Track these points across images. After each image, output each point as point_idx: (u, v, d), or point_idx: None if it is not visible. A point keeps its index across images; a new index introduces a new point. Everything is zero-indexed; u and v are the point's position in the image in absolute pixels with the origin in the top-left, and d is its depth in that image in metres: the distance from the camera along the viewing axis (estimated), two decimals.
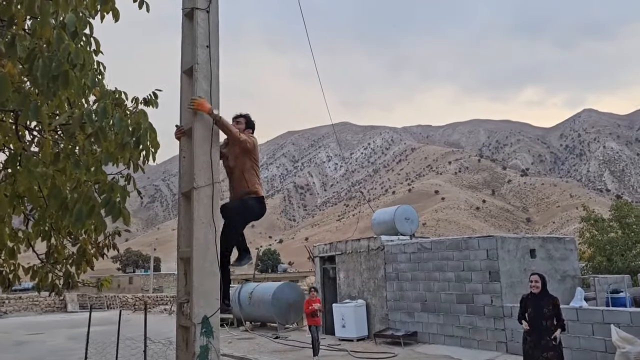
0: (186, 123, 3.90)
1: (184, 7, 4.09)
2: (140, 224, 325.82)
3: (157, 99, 5.08)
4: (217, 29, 4.00)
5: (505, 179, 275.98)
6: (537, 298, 6.95)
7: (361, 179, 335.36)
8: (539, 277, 7.04)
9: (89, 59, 2.78)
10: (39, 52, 2.58)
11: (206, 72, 3.83)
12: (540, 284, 6.96)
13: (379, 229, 14.61)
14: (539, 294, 6.95)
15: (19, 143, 3.31)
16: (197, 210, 3.63)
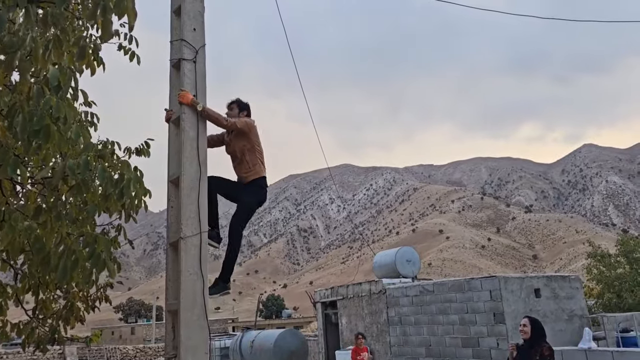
0: (174, 172, 3.88)
1: (171, 58, 4.15)
2: (143, 272, 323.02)
3: (149, 148, 5.09)
4: (203, 78, 4.04)
5: (510, 216, 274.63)
6: (527, 345, 6.11)
7: (364, 221, 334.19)
8: (528, 320, 6.21)
9: (71, 112, 2.78)
10: (20, 107, 2.59)
11: (193, 121, 3.85)
12: (530, 328, 6.11)
13: (381, 272, 14.41)
14: (529, 340, 6.09)
15: (2, 197, 3.28)
16: (185, 261, 3.56)
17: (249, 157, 4.47)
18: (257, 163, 4.50)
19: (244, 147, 4.47)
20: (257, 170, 4.49)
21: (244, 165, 4.49)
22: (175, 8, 4.21)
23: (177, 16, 4.19)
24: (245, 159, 4.47)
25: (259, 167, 4.51)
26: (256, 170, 4.48)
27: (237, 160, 4.55)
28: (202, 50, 4.09)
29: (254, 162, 4.48)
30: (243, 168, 4.50)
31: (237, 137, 4.50)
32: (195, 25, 4.09)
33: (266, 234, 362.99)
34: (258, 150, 4.53)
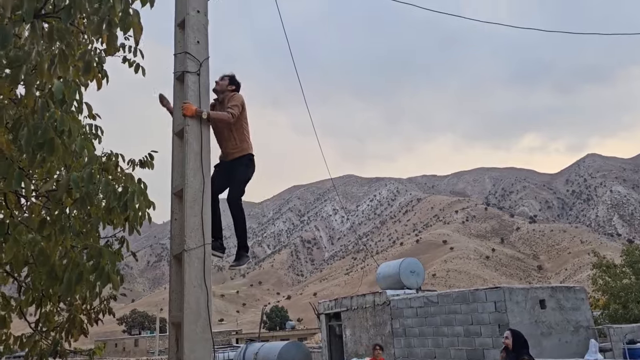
0: (177, 184, 3.89)
1: (175, 70, 4.17)
2: (146, 283, 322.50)
3: (152, 160, 5.11)
4: (207, 91, 4.06)
5: (514, 227, 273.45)
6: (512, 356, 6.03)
7: (368, 232, 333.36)
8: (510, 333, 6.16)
9: (75, 126, 2.80)
10: (24, 121, 2.61)
11: (197, 133, 3.86)
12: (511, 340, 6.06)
13: (385, 283, 14.33)
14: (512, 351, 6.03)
15: (6, 210, 3.29)
16: (189, 273, 3.55)
17: (236, 134, 4.47)
18: (245, 140, 4.52)
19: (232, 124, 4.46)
20: (245, 147, 4.51)
21: (230, 141, 4.48)
22: (179, 21, 4.24)
23: (181, 29, 4.22)
24: (232, 135, 4.47)
25: (246, 143, 4.52)
26: (244, 147, 4.50)
27: (223, 135, 4.53)
28: (205, 62, 4.11)
29: (241, 139, 4.49)
30: (230, 144, 4.50)
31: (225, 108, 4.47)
32: (199, 38, 4.12)
33: (270, 245, 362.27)
34: (245, 128, 4.55)
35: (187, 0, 4.14)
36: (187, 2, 4.13)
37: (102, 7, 2.16)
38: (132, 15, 2.25)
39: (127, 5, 2.24)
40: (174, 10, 4.43)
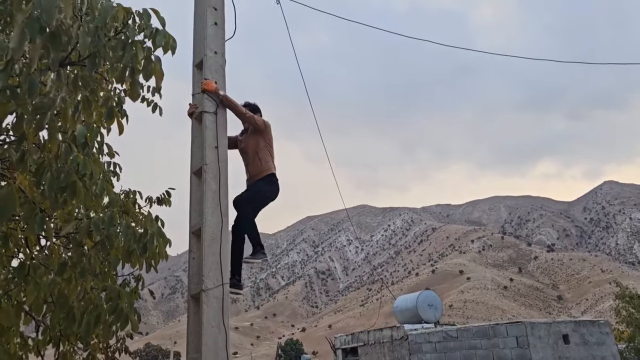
0: (195, 223, 3.90)
1: None
2: (160, 316, 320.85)
3: (170, 197, 5.15)
4: (225, 130, 4.11)
5: (532, 256, 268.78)
6: None
7: (383, 262, 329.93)
8: None
9: (97, 168, 2.83)
10: (48, 165, 2.65)
11: (215, 173, 3.88)
12: None
13: (402, 316, 14.09)
14: None
15: (27, 252, 3.32)
16: (206, 313, 3.52)
17: (262, 155, 4.50)
18: (269, 160, 4.53)
19: (257, 144, 4.52)
20: (269, 166, 4.51)
21: (255, 162, 4.50)
22: (197, 62, 4.33)
23: (199, 70, 4.31)
24: (258, 156, 4.50)
25: (271, 164, 4.53)
26: (268, 167, 4.51)
27: (249, 159, 4.56)
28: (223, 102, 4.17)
29: (266, 160, 4.51)
30: (255, 165, 4.52)
31: (251, 135, 4.55)
32: (216, 79, 4.19)
33: (284, 277, 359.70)
34: (271, 151, 4.58)
35: (205, 42, 4.23)
36: (205, 43, 4.23)
37: (125, 54, 2.21)
38: (155, 62, 2.30)
39: (149, 52, 2.29)
40: (191, 50, 4.54)
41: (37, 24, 1.89)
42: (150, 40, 2.32)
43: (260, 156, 4.50)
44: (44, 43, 1.88)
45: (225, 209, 3.84)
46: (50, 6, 1.79)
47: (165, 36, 2.26)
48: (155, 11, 2.31)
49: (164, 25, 2.34)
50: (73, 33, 1.98)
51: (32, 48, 1.86)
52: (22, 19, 1.95)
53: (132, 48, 2.22)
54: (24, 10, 1.95)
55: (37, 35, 1.90)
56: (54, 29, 1.88)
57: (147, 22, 2.30)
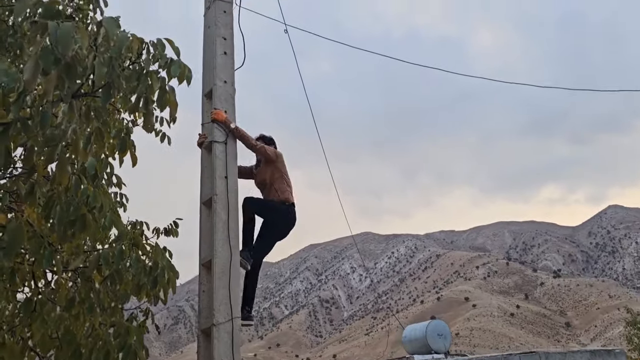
0: (205, 255, 3.81)
1: None
2: (163, 347, 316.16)
3: (177, 227, 5.06)
4: (235, 159, 4.07)
5: (538, 282, 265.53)
6: None
7: (387, 290, 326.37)
8: None
9: (107, 201, 2.77)
10: (57, 198, 2.59)
11: (225, 203, 3.82)
12: None
13: (411, 346, 13.80)
14: None
15: (34, 288, 3.23)
16: (217, 348, 3.42)
17: (277, 185, 4.47)
18: (286, 190, 4.49)
19: (272, 175, 4.50)
20: (286, 196, 4.47)
21: (272, 193, 4.48)
22: (206, 92, 4.32)
23: (209, 99, 4.29)
24: (273, 187, 4.47)
25: (287, 193, 4.48)
26: (285, 197, 4.46)
27: (265, 190, 4.55)
28: (232, 132, 4.14)
29: (282, 190, 4.47)
30: (271, 196, 4.48)
31: (265, 166, 4.53)
32: (226, 108, 4.17)
33: (287, 306, 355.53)
34: (287, 180, 4.55)
35: (214, 71, 4.23)
36: (215, 73, 4.22)
37: (140, 85, 2.17)
38: (169, 92, 2.26)
39: (163, 83, 2.25)
40: (200, 79, 4.53)
41: (51, 55, 1.85)
42: (165, 70, 2.28)
43: (277, 186, 4.47)
44: (58, 74, 1.84)
45: (235, 240, 3.77)
46: (66, 37, 1.76)
47: (181, 66, 2.23)
48: (169, 41, 2.29)
49: (178, 55, 2.31)
50: (88, 64, 1.94)
51: (47, 80, 1.81)
52: (35, 50, 1.92)
53: (147, 78, 2.18)
54: (37, 42, 1.91)
55: (51, 66, 1.86)
56: (69, 60, 1.84)
57: (161, 52, 2.27)
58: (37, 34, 1.86)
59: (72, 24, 1.80)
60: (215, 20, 4.35)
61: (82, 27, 1.85)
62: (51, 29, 1.78)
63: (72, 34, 1.78)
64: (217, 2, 4.40)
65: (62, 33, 1.76)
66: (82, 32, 1.85)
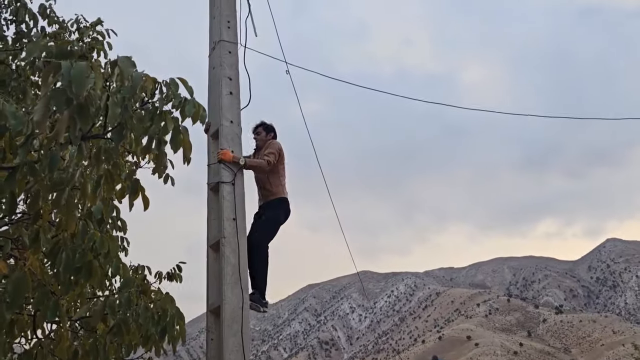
0: (214, 301, 3.66)
1: (209, 181, 4.11)
2: None
3: (181, 271, 4.91)
4: (243, 200, 3.96)
5: (540, 318, 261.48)
6: None
7: (388, 329, 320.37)
8: None
9: (113, 246, 2.65)
10: (63, 245, 2.47)
11: (234, 246, 3.69)
12: None
13: None
14: None
15: (36, 340, 3.06)
16: None
17: (272, 179, 4.58)
18: (279, 184, 4.62)
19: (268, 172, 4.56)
20: (278, 190, 4.61)
21: (265, 185, 4.60)
22: (212, 132, 4.25)
23: (215, 139, 4.22)
24: (269, 181, 4.58)
25: (280, 188, 4.62)
26: (277, 191, 4.60)
27: (260, 182, 4.65)
28: (240, 171, 4.05)
29: (276, 183, 4.60)
30: (265, 188, 4.62)
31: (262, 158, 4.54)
32: (233, 148, 4.09)
33: (286, 349, 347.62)
34: (281, 174, 4.66)
35: (220, 112, 4.17)
36: (221, 113, 4.17)
37: (153, 126, 2.09)
38: (183, 132, 2.17)
39: (177, 123, 2.17)
40: None
41: (63, 95, 1.77)
42: (178, 110, 2.20)
43: (271, 180, 4.57)
44: (70, 115, 1.75)
45: (246, 284, 3.62)
46: (80, 77, 1.68)
47: (195, 105, 2.15)
48: (183, 80, 2.22)
49: (191, 94, 2.24)
50: (101, 104, 1.86)
51: (60, 120, 1.73)
52: (46, 91, 1.84)
53: (161, 119, 2.10)
54: (48, 82, 1.84)
55: (63, 107, 1.77)
56: (82, 101, 1.76)
57: (174, 91, 2.19)
58: (50, 75, 1.78)
59: (86, 64, 1.73)
60: (220, 60, 4.33)
61: (96, 67, 1.77)
62: (64, 68, 1.71)
63: (86, 73, 1.70)
64: (222, 42, 4.39)
65: (76, 72, 1.68)
66: (96, 71, 1.78)
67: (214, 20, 4.62)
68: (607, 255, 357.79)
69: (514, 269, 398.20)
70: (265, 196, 4.65)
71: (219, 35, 4.44)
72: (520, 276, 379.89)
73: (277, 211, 4.60)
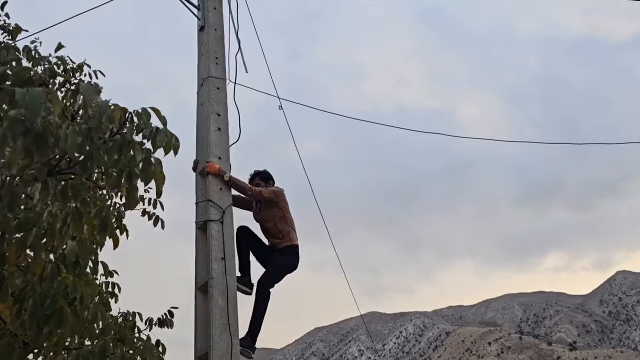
0: (202, 347, 3.43)
1: (197, 220, 3.95)
2: None
3: (172, 317, 4.68)
4: (232, 240, 3.80)
5: (554, 356, 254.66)
6: None
7: None
8: None
9: (88, 291, 2.46)
10: (30, 291, 2.30)
11: (222, 287, 3.50)
12: None
13: None
14: None
15: None
16: None
17: (281, 226, 4.40)
18: (290, 231, 4.44)
19: (274, 216, 4.41)
20: (291, 237, 4.43)
21: (276, 234, 4.41)
22: (200, 169, 4.12)
23: (203, 177, 4.09)
24: (277, 227, 4.39)
25: (292, 234, 4.45)
26: (290, 238, 4.42)
27: (267, 230, 4.44)
28: (229, 209, 3.90)
29: (286, 231, 4.41)
30: (275, 237, 4.41)
31: (266, 206, 4.42)
32: (221, 185, 3.96)
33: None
34: (289, 219, 4.48)
35: (209, 148, 4.06)
36: (209, 149, 4.05)
37: (121, 158, 1.95)
38: (155, 164, 2.03)
39: (148, 154, 2.03)
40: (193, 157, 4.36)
41: (20, 125, 1.64)
42: (150, 141, 2.07)
43: (280, 227, 4.38)
44: (26, 145, 1.61)
45: (235, 328, 3.41)
46: (35, 104, 1.55)
47: (167, 135, 2.02)
48: (155, 110, 2.09)
49: (165, 124, 2.11)
50: (62, 134, 1.72)
51: (12, 150, 1.59)
52: (6, 122, 1.71)
53: (130, 150, 1.96)
54: (7, 113, 1.71)
55: (19, 136, 1.64)
56: (39, 130, 1.62)
57: (146, 121, 2.06)
58: (4, 103, 1.65)
59: (42, 90, 1.60)
60: (208, 97, 4.25)
61: (54, 94, 1.65)
62: (18, 95, 1.58)
63: (41, 99, 1.57)
64: (209, 79, 4.33)
65: (30, 98, 1.55)
66: (54, 98, 1.65)
67: (202, 57, 4.57)
68: (618, 288, 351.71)
69: (524, 305, 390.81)
70: (278, 241, 4.45)
71: (206, 72, 4.38)
72: (531, 312, 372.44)
73: (287, 258, 4.43)
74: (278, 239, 4.41)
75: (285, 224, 4.42)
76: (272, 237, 4.46)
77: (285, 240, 4.41)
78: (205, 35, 4.62)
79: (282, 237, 4.40)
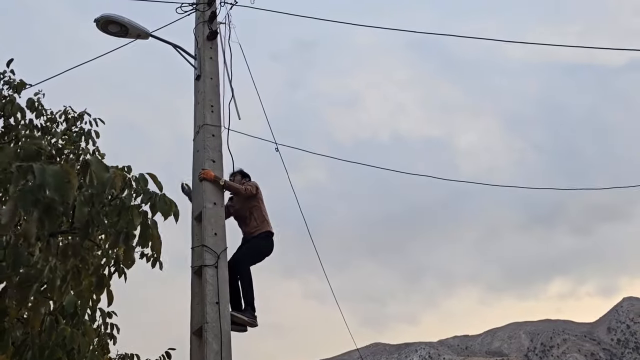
0: None
1: (192, 264, 4.08)
2: None
3: (170, 358, 4.78)
4: (225, 282, 3.92)
5: None
6: None
7: None
8: None
9: (84, 341, 2.59)
10: (30, 343, 2.43)
11: (216, 332, 3.61)
12: None
13: None
14: None
15: None
16: None
17: (256, 214, 4.71)
18: (264, 220, 4.74)
19: (252, 206, 4.71)
20: (264, 225, 4.72)
21: (251, 222, 4.71)
22: (196, 215, 4.27)
23: (198, 222, 4.23)
24: (253, 216, 4.70)
25: (266, 223, 4.74)
26: (265, 225, 4.72)
27: (244, 220, 4.76)
28: (223, 254, 4.03)
29: (261, 219, 4.72)
30: (250, 225, 4.70)
31: (244, 199, 4.71)
32: (216, 230, 4.10)
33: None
34: (264, 209, 4.79)
35: (204, 195, 4.21)
36: (204, 196, 4.21)
37: (120, 221, 2.11)
38: (152, 227, 2.19)
39: (146, 217, 2.19)
40: (190, 204, 4.52)
41: (30, 197, 1.80)
42: (148, 204, 2.23)
43: (255, 216, 4.70)
44: (38, 216, 1.78)
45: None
46: (60, 184, 1.71)
47: (167, 202, 2.19)
48: (152, 176, 2.27)
49: (161, 189, 2.29)
50: (70, 202, 1.89)
51: (29, 221, 1.75)
52: (14, 192, 1.87)
53: (128, 214, 2.13)
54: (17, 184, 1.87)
55: (30, 208, 1.80)
56: (49, 201, 1.79)
57: (143, 186, 2.24)
58: (21, 179, 1.82)
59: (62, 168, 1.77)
60: (204, 144, 4.43)
61: (72, 172, 1.81)
62: (36, 171, 1.74)
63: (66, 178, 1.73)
64: (205, 126, 4.52)
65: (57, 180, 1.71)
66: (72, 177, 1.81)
67: (198, 105, 4.77)
68: (625, 315, 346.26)
69: (530, 334, 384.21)
70: (251, 231, 4.72)
71: (202, 120, 4.57)
72: (538, 341, 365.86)
73: (262, 242, 4.72)
74: (254, 227, 4.70)
75: (260, 213, 4.74)
76: (248, 226, 4.74)
77: (261, 227, 4.70)
78: (202, 84, 4.83)
79: (257, 225, 4.69)
